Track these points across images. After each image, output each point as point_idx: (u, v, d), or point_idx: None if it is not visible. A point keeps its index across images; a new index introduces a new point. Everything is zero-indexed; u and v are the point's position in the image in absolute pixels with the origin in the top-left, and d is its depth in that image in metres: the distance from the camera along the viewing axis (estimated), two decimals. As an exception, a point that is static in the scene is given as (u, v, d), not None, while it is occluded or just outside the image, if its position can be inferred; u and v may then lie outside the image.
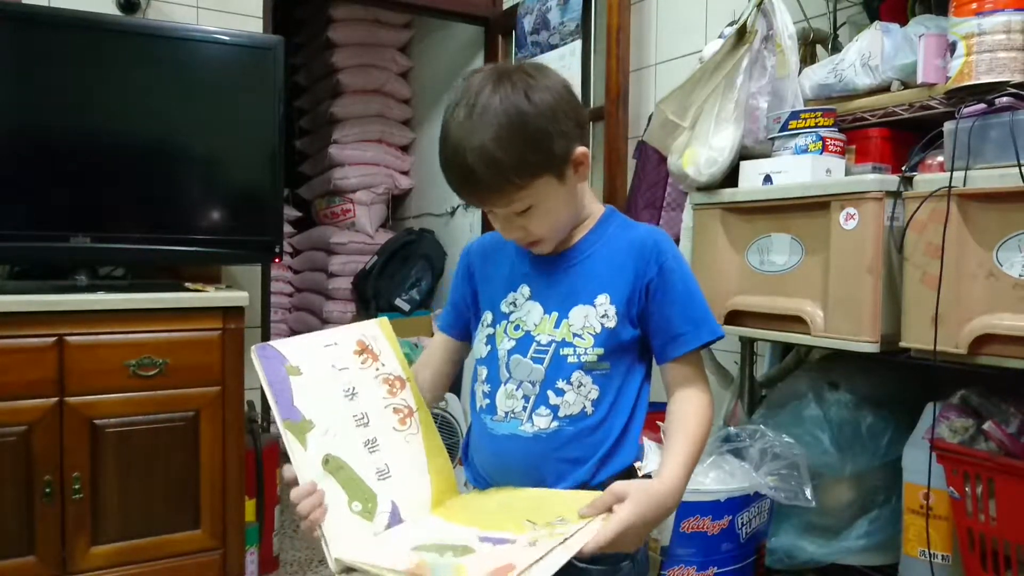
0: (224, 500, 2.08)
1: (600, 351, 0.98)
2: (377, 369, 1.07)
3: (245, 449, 2.17)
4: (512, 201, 0.95)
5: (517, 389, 1.01)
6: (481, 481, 1.07)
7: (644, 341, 1.02)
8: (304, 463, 0.95)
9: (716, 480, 1.53)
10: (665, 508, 0.92)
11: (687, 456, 0.96)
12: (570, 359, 0.98)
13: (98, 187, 2.15)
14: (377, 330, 1.10)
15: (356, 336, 1.08)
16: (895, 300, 1.31)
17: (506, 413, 1.02)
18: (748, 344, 1.80)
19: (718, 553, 1.50)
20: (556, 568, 0.78)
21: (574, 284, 1.02)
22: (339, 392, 1.02)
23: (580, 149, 0.98)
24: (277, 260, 2.41)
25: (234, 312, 2.08)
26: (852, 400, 1.51)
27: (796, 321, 1.44)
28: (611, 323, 0.99)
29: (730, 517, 1.49)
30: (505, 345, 1.03)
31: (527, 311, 1.03)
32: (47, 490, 1.86)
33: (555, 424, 0.99)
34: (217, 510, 2.08)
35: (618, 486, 0.89)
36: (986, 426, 1.25)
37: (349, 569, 0.88)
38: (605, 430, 1.00)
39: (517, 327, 1.03)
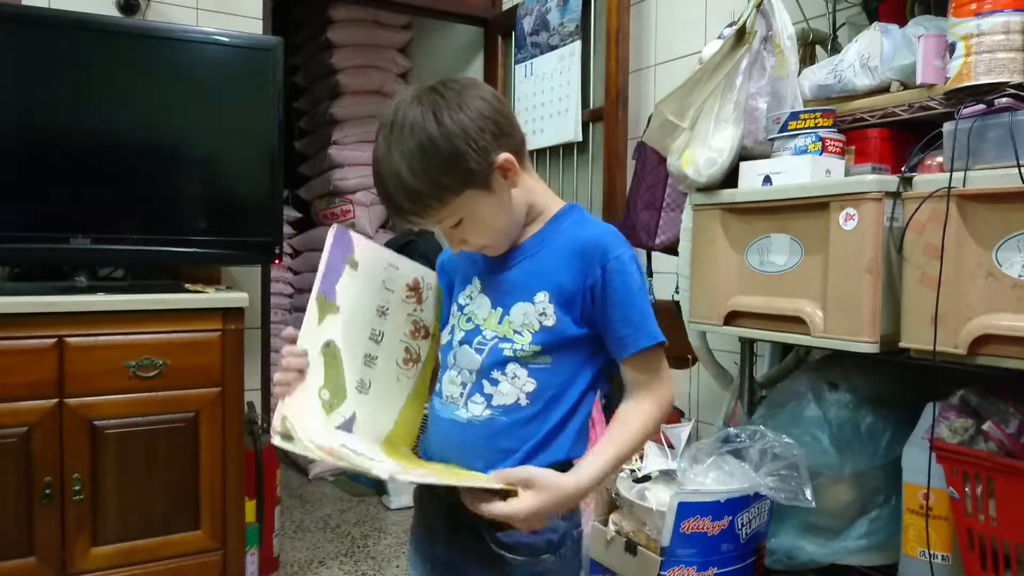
0: (224, 501, 2.08)
1: (538, 348, 1.01)
2: (414, 310, 1.14)
3: (245, 450, 2.17)
4: (440, 219, 0.99)
5: (458, 375, 1.05)
6: (426, 458, 1.11)
7: (597, 340, 1.03)
8: (310, 335, 1.01)
9: (716, 480, 1.53)
10: (567, 503, 0.97)
11: (611, 456, 0.99)
12: (507, 352, 1.01)
13: (98, 188, 2.15)
14: (434, 281, 1.17)
15: (416, 274, 1.15)
16: (894, 300, 1.31)
17: (448, 397, 1.06)
18: (748, 344, 1.80)
19: (718, 553, 1.50)
20: (425, 480, 0.91)
21: (517, 281, 1.05)
22: (375, 304, 1.08)
23: (503, 156, 0.98)
24: (277, 261, 2.41)
25: (234, 313, 2.08)
26: (852, 400, 1.51)
27: (796, 321, 1.44)
28: (550, 321, 1.01)
29: (730, 517, 1.49)
30: (457, 335, 1.07)
31: (478, 305, 1.07)
32: (47, 491, 1.86)
33: (488, 412, 1.02)
34: (217, 511, 2.08)
35: (528, 472, 0.95)
36: (986, 426, 1.25)
37: (288, 437, 0.92)
38: (539, 423, 1.01)
39: (469, 319, 1.07)
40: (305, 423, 0.95)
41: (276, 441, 0.91)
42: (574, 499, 0.97)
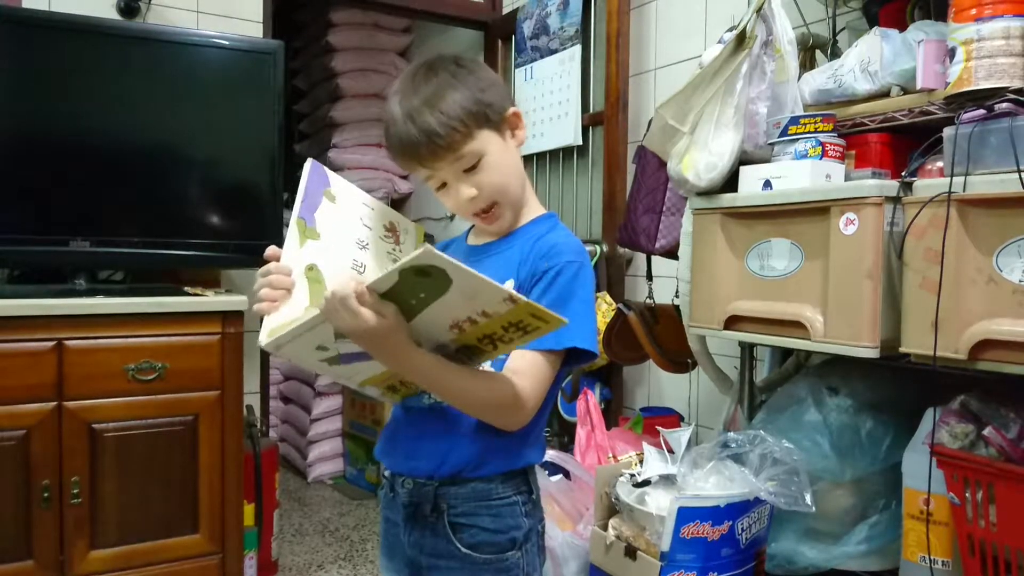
0: (223, 504, 2.08)
1: None
2: (393, 249, 1.12)
3: (244, 453, 2.17)
4: (460, 155, 1.01)
5: None
6: (384, 444, 1.12)
7: None
8: (292, 256, 0.99)
9: (716, 485, 1.53)
10: (386, 351, 0.91)
11: (446, 374, 0.94)
12: None
13: (98, 191, 2.15)
14: (412, 228, 1.17)
15: (391, 217, 1.15)
16: (895, 305, 1.31)
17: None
18: (748, 349, 1.79)
19: (718, 559, 1.50)
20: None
21: (491, 271, 1.06)
22: (354, 237, 1.07)
23: (513, 109, 1.07)
24: (277, 264, 2.41)
25: (233, 316, 2.08)
26: (852, 405, 1.51)
27: (796, 326, 1.44)
28: None
29: (730, 523, 1.49)
30: None
31: None
32: (46, 494, 1.86)
33: None
34: (216, 514, 2.07)
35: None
36: (986, 431, 1.25)
37: (276, 339, 0.91)
38: None
39: None
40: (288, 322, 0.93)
41: (266, 344, 0.91)
42: (390, 349, 0.90)
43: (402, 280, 0.82)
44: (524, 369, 0.99)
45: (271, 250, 1.00)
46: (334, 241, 1.03)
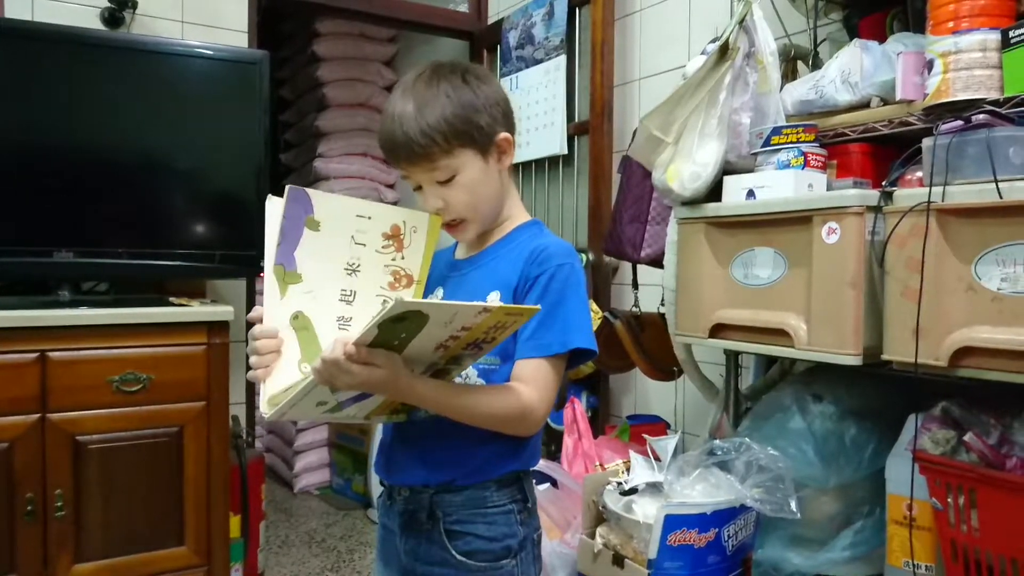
0: (209, 516, 2.07)
1: None
2: (393, 259, 1.07)
3: (230, 464, 2.16)
4: (435, 167, 1.02)
5: None
6: (381, 458, 1.13)
7: None
8: (275, 311, 0.97)
9: (702, 493, 1.54)
10: (387, 390, 0.92)
11: (446, 399, 0.97)
12: None
13: (82, 201, 2.14)
14: (424, 223, 1.08)
15: (395, 220, 1.07)
16: (877, 313, 1.32)
17: None
18: (732, 357, 1.81)
19: (704, 566, 1.50)
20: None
21: (475, 284, 1.08)
22: (342, 263, 1.02)
23: (504, 135, 1.07)
24: (262, 275, 2.40)
25: (219, 327, 2.07)
26: (836, 412, 1.53)
27: (780, 334, 1.45)
28: None
29: (716, 530, 1.50)
30: None
31: None
32: (29, 507, 1.84)
33: None
34: (202, 526, 2.06)
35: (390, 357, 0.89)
36: (967, 437, 1.26)
37: (278, 408, 0.91)
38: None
39: None
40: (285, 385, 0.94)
41: (269, 416, 0.91)
42: (394, 391, 0.92)
43: (382, 331, 0.84)
44: (529, 376, 1.00)
45: (255, 312, 1.00)
46: (318, 278, 1.00)
